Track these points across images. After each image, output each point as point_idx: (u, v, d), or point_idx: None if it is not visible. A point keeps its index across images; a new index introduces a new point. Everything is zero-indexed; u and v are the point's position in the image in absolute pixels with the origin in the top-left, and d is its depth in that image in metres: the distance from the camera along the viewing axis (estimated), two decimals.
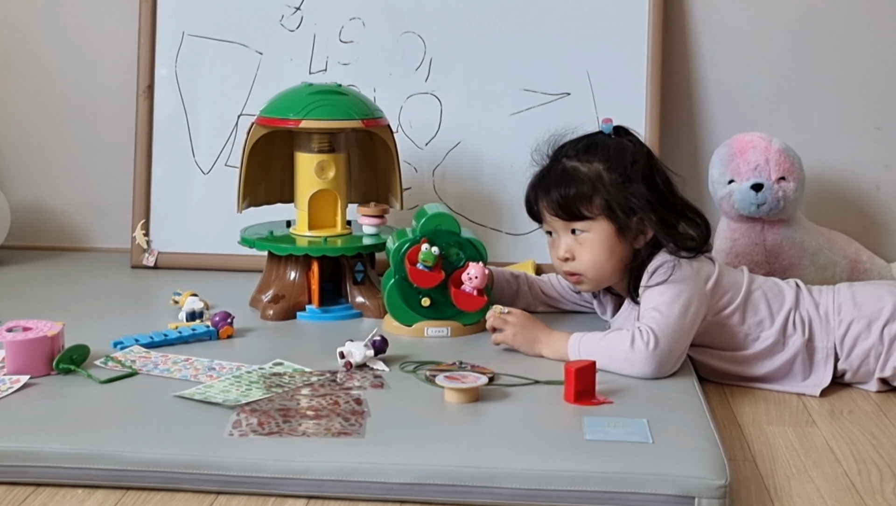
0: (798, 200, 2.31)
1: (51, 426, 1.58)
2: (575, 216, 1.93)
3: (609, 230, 1.93)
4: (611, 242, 1.93)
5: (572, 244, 1.96)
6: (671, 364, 1.83)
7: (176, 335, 1.96)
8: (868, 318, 1.92)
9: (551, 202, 1.95)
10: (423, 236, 2.01)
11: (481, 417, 1.65)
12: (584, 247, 1.95)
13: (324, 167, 2.17)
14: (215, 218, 2.51)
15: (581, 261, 1.95)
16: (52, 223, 2.71)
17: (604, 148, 1.95)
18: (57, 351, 1.78)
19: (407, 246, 2.01)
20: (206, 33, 2.55)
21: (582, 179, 1.92)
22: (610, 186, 1.91)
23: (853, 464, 1.65)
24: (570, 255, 1.96)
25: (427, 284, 2.00)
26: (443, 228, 2.03)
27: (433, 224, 2.03)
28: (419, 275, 2.00)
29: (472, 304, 2.01)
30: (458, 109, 2.53)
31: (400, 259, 2.01)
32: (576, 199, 1.92)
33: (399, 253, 2.02)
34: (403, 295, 2.03)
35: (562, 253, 1.97)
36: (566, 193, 1.93)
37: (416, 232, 2.03)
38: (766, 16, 2.55)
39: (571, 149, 1.97)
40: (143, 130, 2.55)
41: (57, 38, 2.66)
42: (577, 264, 1.96)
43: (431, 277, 2.00)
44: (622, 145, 1.95)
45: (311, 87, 2.18)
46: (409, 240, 2.02)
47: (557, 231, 1.97)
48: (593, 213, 1.93)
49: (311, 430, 1.58)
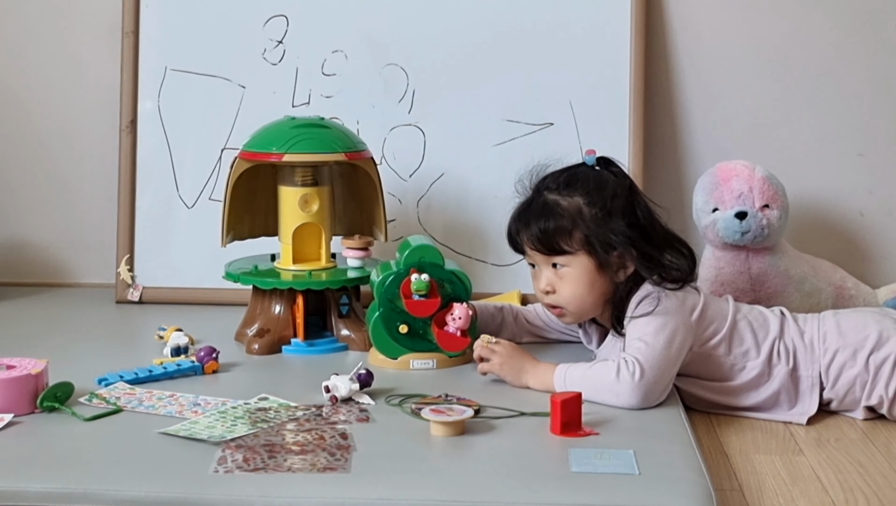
0: (782, 227, 2.31)
1: (35, 465, 1.57)
2: (555, 251, 1.94)
3: (589, 265, 1.93)
4: (591, 277, 1.93)
5: (553, 278, 1.96)
6: (657, 394, 1.83)
7: (161, 371, 1.95)
8: (853, 346, 1.92)
9: (531, 236, 1.95)
10: (408, 268, 2.01)
11: (467, 450, 1.65)
12: (564, 281, 1.95)
13: (307, 200, 2.17)
14: (200, 252, 2.50)
15: (562, 294, 1.95)
16: (35, 259, 2.70)
17: (584, 181, 1.95)
18: (41, 389, 1.77)
19: (391, 279, 2.01)
20: (189, 67, 2.55)
21: (562, 214, 1.93)
22: (590, 221, 1.91)
23: (840, 493, 1.65)
24: (550, 288, 1.96)
25: (425, 312, 2.00)
26: (426, 261, 2.02)
27: (416, 256, 2.02)
28: (417, 306, 2.00)
29: (456, 344, 2.01)
30: (442, 141, 2.53)
31: (384, 292, 2.01)
32: (555, 233, 1.92)
33: (383, 286, 2.01)
34: (388, 328, 2.02)
35: (543, 286, 1.97)
36: (546, 228, 1.93)
37: (400, 264, 2.02)
38: (747, 44, 2.56)
39: (553, 182, 1.97)
40: (127, 164, 2.55)
41: (39, 73, 2.66)
42: (557, 298, 1.96)
43: (429, 305, 2.00)
44: (603, 178, 1.95)
45: (293, 120, 2.19)
46: (394, 273, 2.01)
47: (539, 264, 1.97)
48: (573, 247, 1.93)
49: (297, 465, 1.57)
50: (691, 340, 1.91)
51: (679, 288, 1.91)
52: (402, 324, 2.02)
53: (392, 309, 2.01)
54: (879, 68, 2.56)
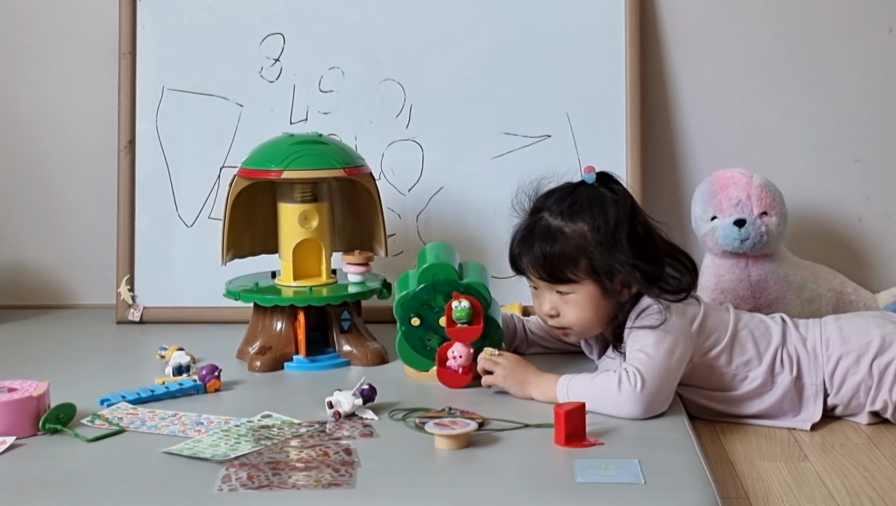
0: (781, 234, 2.31)
1: (38, 488, 1.57)
2: (560, 280, 1.93)
3: (594, 291, 1.92)
4: (596, 302, 1.93)
5: (557, 302, 1.95)
6: (659, 404, 1.83)
7: (163, 391, 1.95)
8: (857, 352, 1.92)
9: (536, 264, 1.93)
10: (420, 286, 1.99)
11: (472, 463, 1.64)
12: (569, 306, 1.94)
13: (307, 217, 2.17)
14: (200, 271, 2.50)
15: (566, 318, 1.95)
16: (35, 281, 2.70)
17: (588, 207, 1.92)
18: (43, 411, 1.77)
19: (408, 299, 2.00)
20: (186, 87, 2.56)
21: (566, 242, 1.91)
22: (595, 249, 1.90)
23: (846, 498, 1.64)
24: (555, 312, 1.96)
25: (469, 339, 1.97)
26: (441, 278, 2.00)
27: (430, 275, 2.00)
28: (461, 333, 1.97)
29: (458, 381, 1.98)
30: (440, 155, 2.53)
31: (402, 313, 2.00)
32: (561, 262, 1.91)
33: (401, 307, 2.00)
34: (412, 344, 2.02)
35: (546, 310, 1.96)
36: (550, 256, 1.91)
37: (415, 282, 2.01)
38: (742, 52, 2.57)
39: (556, 205, 1.94)
40: (126, 184, 2.55)
41: (37, 95, 2.66)
42: (562, 320, 1.96)
43: (472, 332, 1.97)
44: (605, 201, 1.92)
45: (292, 137, 2.19)
46: (409, 293, 1.99)
47: (540, 287, 1.97)
48: (579, 276, 1.92)
49: (302, 482, 1.57)
50: (691, 350, 1.90)
51: (679, 300, 1.91)
52: (415, 317, 2.01)
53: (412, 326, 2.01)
54: (875, 74, 2.56)
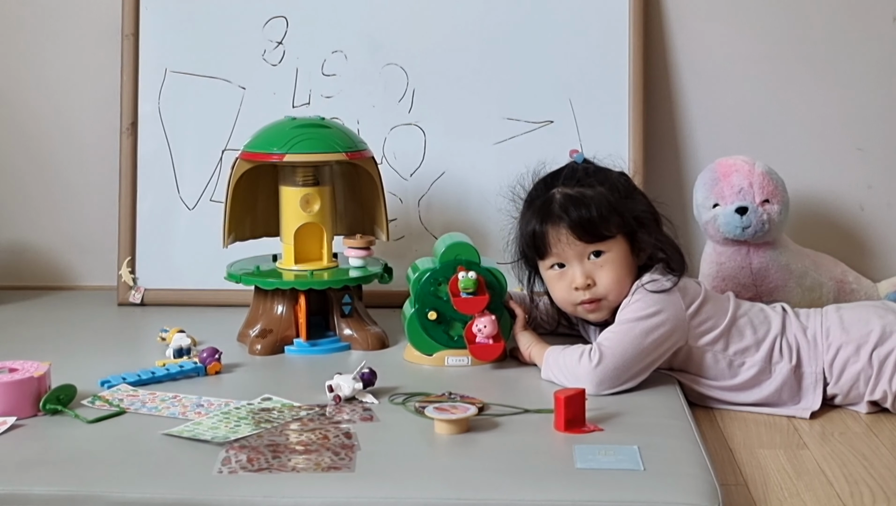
0: (783, 222, 2.31)
1: (38, 468, 1.57)
2: (597, 237, 1.94)
3: (626, 248, 1.96)
4: (628, 260, 1.96)
5: (591, 268, 1.96)
6: (615, 382, 1.86)
7: (163, 373, 1.95)
8: (857, 342, 1.92)
9: (573, 226, 1.94)
10: (444, 266, 2.01)
11: (472, 447, 1.65)
12: (604, 269, 1.95)
13: (309, 200, 2.17)
14: (201, 254, 2.50)
15: (602, 283, 1.95)
16: (36, 262, 2.70)
17: (595, 175, 1.98)
18: (43, 392, 1.77)
19: (427, 276, 2.01)
20: (189, 69, 2.55)
21: (594, 201, 1.94)
22: (618, 204, 1.95)
23: (845, 486, 1.65)
24: (591, 280, 1.96)
25: (474, 309, 1.99)
26: (462, 259, 2.02)
27: (452, 254, 2.02)
28: (465, 303, 1.99)
29: (491, 352, 2.00)
30: (442, 140, 2.53)
31: (420, 289, 2.01)
32: (597, 218, 1.93)
33: (419, 283, 2.01)
34: (423, 325, 2.02)
35: (581, 281, 1.95)
36: (584, 216, 1.93)
37: (437, 263, 2.02)
38: (746, 39, 2.56)
39: (566, 180, 1.98)
40: (128, 167, 2.55)
41: (39, 76, 2.66)
42: (598, 289, 1.96)
43: (477, 302, 1.99)
44: (606, 170, 2.00)
45: (294, 120, 2.19)
46: (430, 270, 2.01)
47: (570, 261, 1.96)
48: (612, 232, 1.95)
49: (301, 465, 1.57)
50: (683, 336, 1.91)
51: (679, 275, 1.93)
52: (431, 311, 2.02)
53: (427, 306, 2.02)
54: (879, 63, 2.56)
